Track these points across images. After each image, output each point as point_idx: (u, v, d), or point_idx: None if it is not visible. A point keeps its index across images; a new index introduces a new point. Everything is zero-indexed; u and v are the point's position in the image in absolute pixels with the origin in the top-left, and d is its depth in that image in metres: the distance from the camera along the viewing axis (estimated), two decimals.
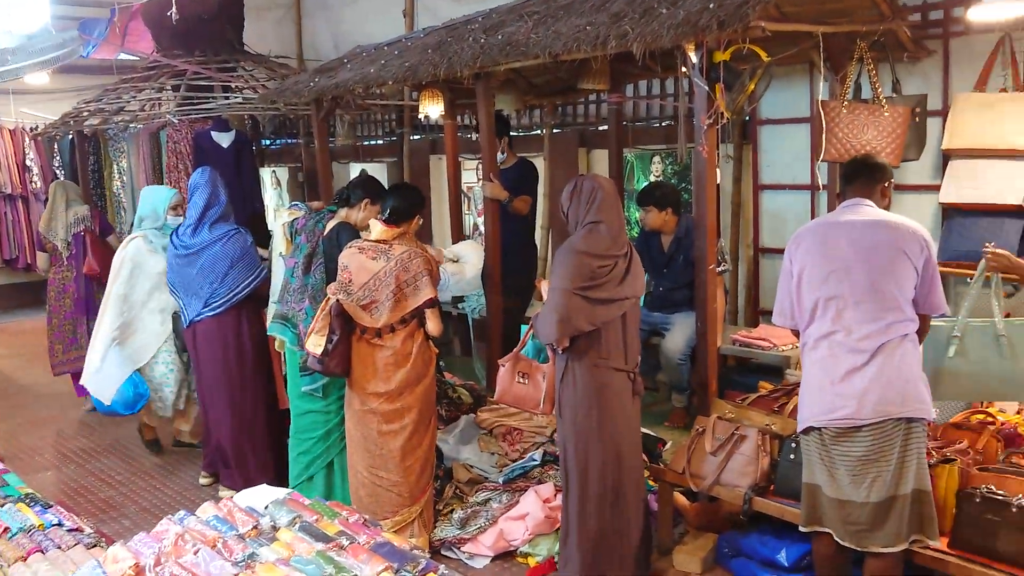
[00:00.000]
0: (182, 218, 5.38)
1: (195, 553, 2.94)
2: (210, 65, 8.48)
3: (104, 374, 5.52)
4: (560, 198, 3.91)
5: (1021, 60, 4.80)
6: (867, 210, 3.37)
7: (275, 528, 3.14)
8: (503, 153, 6.10)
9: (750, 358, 5.45)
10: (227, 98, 8.08)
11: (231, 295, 4.94)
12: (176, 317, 5.40)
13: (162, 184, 8.30)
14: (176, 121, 7.95)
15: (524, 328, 4.38)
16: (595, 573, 3.85)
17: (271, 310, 4.87)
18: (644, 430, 4.97)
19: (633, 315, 3.87)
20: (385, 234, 4.22)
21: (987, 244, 3.86)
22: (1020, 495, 3.22)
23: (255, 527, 3.14)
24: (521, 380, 4.10)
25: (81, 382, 5.80)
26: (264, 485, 3.63)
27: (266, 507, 3.30)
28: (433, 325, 4.24)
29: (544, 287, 3.90)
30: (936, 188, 5.07)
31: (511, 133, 6.43)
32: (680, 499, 4.39)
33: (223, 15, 8.70)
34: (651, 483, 4.37)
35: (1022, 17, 4.57)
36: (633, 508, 3.92)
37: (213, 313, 4.94)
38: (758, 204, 6.20)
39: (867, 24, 4.59)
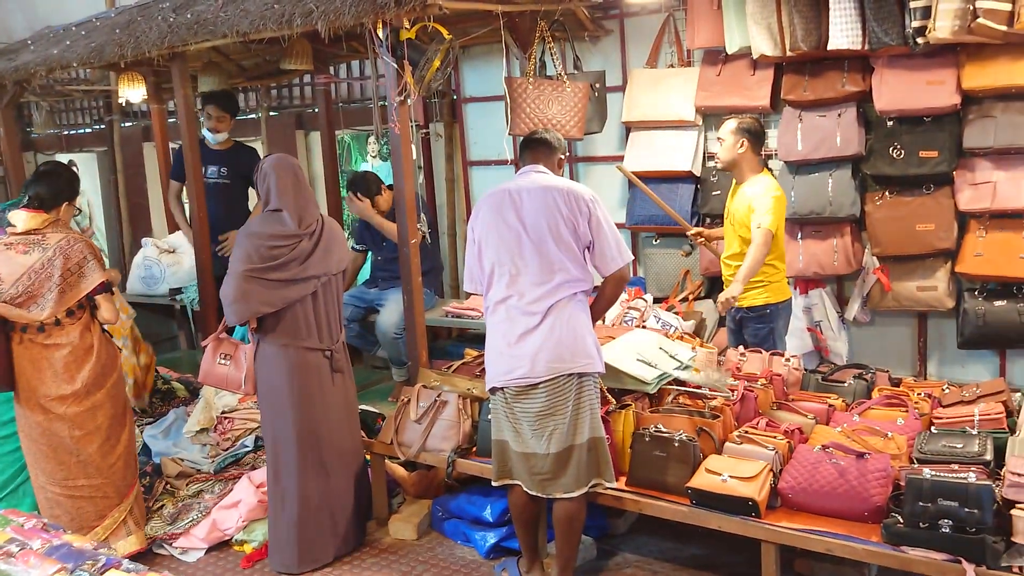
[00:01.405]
0: None
1: None
2: None
3: None
4: None
5: (683, 38, 5.26)
6: (537, 176, 3.56)
7: None
8: (226, 133, 5.89)
9: (467, 329, 5.64)
10: None
11: None
12: None
13: None
14: None
15: None
16: (307, 549, 3.89)
17: None
18: (364, 406, 5.05)
19: (328, 293, 3.92)
20: (32, 222, 3.86)
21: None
22: (682, 431, 3.56)
23: None
24: (223, 361, 4.00)
25: None
26: None
27: None
28: (107, 312, 3.96)
29: None
30: (621, 158, 5.47)
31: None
32: (397, 469, 4.48)
33: None
34: (368, 457, 4.43)
35: None
36: (343, 483, 4.00)
37: None
38: (468, 180, 6.41)
39: (547, 5, 4.84)
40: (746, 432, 3.57)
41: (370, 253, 5.87)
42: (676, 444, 3.51)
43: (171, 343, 7.45)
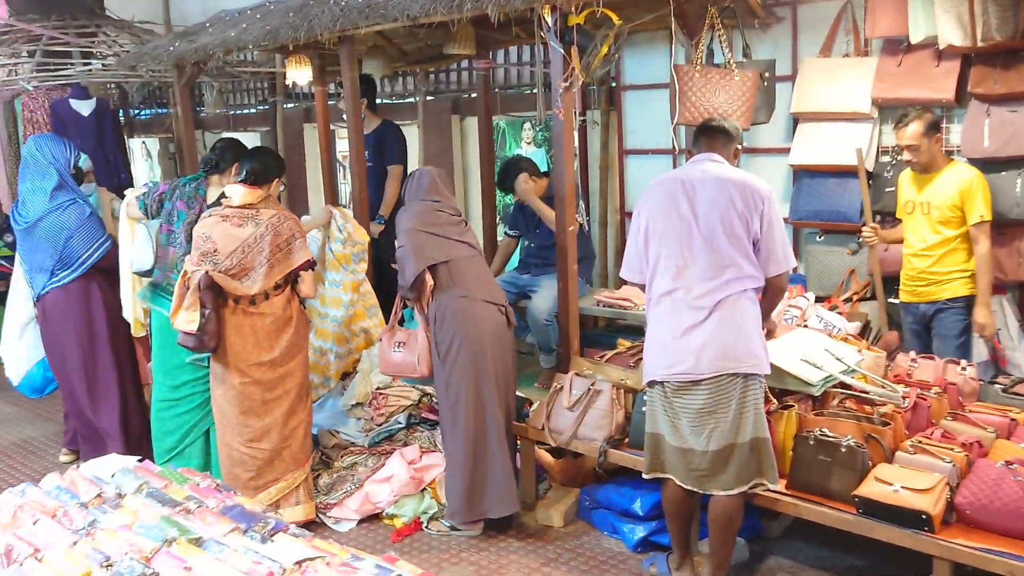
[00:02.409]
0: (94, 184, 5.23)
1: (34, 523, 2.87)
2: (68, 30, 8.11)
3: (15, 354, 5.32)
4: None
5: (861, 26, 5.02)
6: (712, 166, 3.46)
7: (120, 496, 3.09)
8: (363, 117, 6.01)
9: (616, 318, 5.58)
10: (86, 64, 7.75)
11: (75, 266, 4.78)
12: None
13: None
14: (31, 88, 7.61)
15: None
16: (479, 509, 4.06)
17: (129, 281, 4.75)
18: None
19: (484, 265, 4.23)
20: (249, 197, 4.09)
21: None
22: (849, 435, 3.41)
23: (99, 495, 3.08)
24: (397, 349, 4.16)
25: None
26: (113, 455, 3.55)
27: (112, 475, 3.24)
28: (308, 287, 4.19)
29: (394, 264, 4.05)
30: (787, 151, 5.28)
31: (376, 97, 6.29)
32: (545, 456, 4.49)
33: None
34: (518, 441, 4.45)
35: None
36: (508, 439, 4.14)
37: (59, 284, 4.78)
38: (623, 169, 6.33)
39: None
40: (920, 442, 3.39)
41: (521, 239, 5.88)
42: (843, 449, 3.36)
43: None
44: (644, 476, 3.57)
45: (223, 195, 4.20)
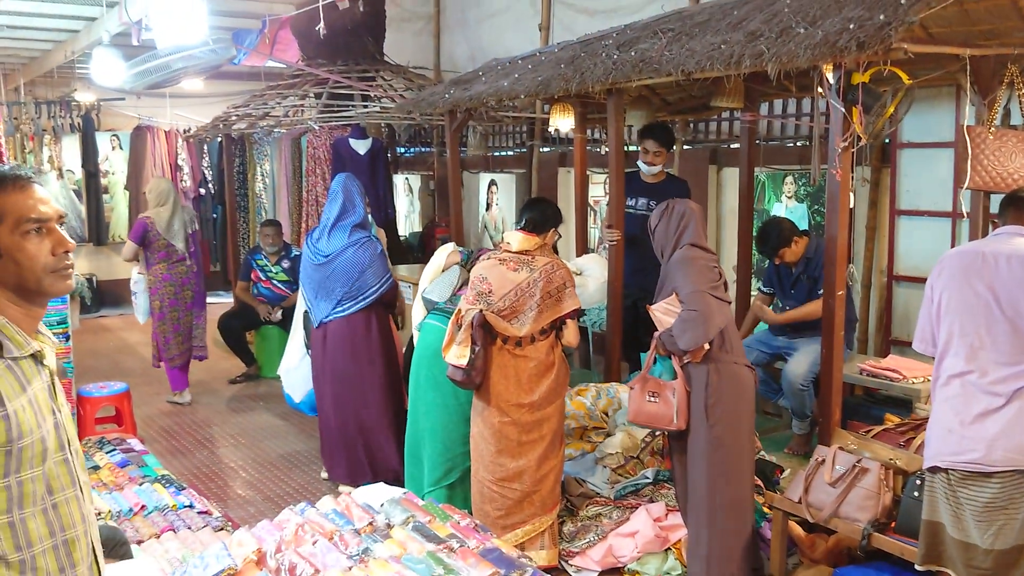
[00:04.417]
0: (371, 220, 5.66)
1: (313, 544, 3.08)
2: (351, 75, 8.81)
3: (300, 373, 5.80)
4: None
5: None
6: (1020, 241, 3.21)
7: (389, 526, 3.25)
8: (664, 165, 6.06)
9: (877, 389, 5.26)
10: (365, 107, 8.37)
11: (361, 298, 5.12)
12: (306, 316, 5.62)
13: (300, 188, 8.69)
14: (317, 127, 8.30)
15: (643, 355, 4.38)
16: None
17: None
18: (763, 455, 4.91)
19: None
20: (526, 243, 4.25)
21: None
22: None
23: (370, 523, 3.26)
24: (652, 399, 4.09)
25: (279, 372, 6.12)
26: (381, 484, 3.75)
27: (382, 505, 3.42)
28: (572, 335, 4.28)
29: (657, 312, 3.96)
30: None
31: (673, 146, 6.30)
32: (795, 529, 4.28)
33: (365, 27, 9.03)
34: (766, 510, 4.29)
35: None
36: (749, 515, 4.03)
37: (344, 314, 5.13)
38: (894, 230, 5.99)
39: (1019, 47, 4.37)
40: None
41: (776, 299, 5.70)
42: None
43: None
44: (917, 567, 3.32)
45: (503, 240, 4.37)
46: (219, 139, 10.18)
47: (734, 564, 3.94)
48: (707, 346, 3.85)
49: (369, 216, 5.70)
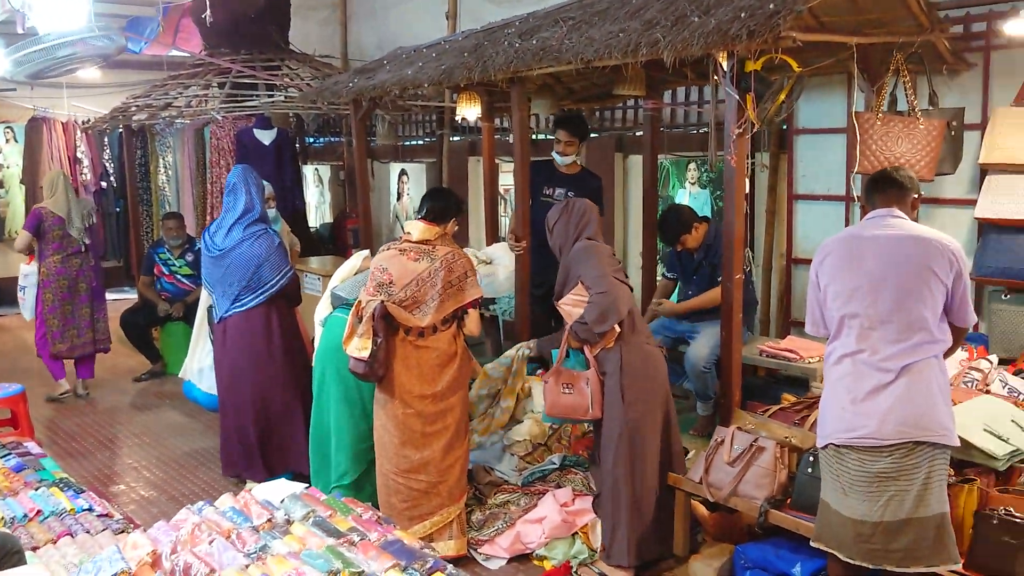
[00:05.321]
0: (276, 212, 5.66)
1: (210, 543, 3.02)
2: (255, 64, 8.63)
3: (201, 363, 5.81)
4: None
5: None
6: (895, 222, 3.31)
7: (289, 522, 3.21)
8: (578, 155, 6.06)
9: (777, 369, 5.41)
10: (270, 96, 8.21)
11: (260, 292, 5.02)
12: (210, 311, 5.51)
13: (204, 180, 8.49)
14: (220, 118, 8.11)
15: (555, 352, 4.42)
16: (639, 545, 4.09)
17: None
18: None
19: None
20: (427, 233, 4.24)
21: None
22: None
23: (269, 520, 3.21)
24: (567, 391, 4.13)
25: (183, 375, 6.18)
26: (282, 480, 3.70)
27: (282, 501, 3.37)
28: (473, 324, 4.28)
29: (565, 306, 4.03)
30: (972, 203, 5.00)
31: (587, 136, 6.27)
32: (699, 508, 4.37)
33: (269, 15, 8.85)
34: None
35: None
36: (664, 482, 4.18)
37: (243, 309, 5.03)
38: (792, 214, 6.15)
39: (905, 36, 4.52)
40: None
41: (680, 284, 5.79)
42: None
43: (478, 349, 7.80)
44: (812, 543, 3.42)
45: (404, 230, 4.35)
46: (120, 131, 9.87)
47: (647, 546, 4.03)
48: (617, 328, 3.95)
49: (273, 209, 5.61)
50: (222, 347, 5.18)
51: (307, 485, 3.58)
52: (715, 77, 4.20)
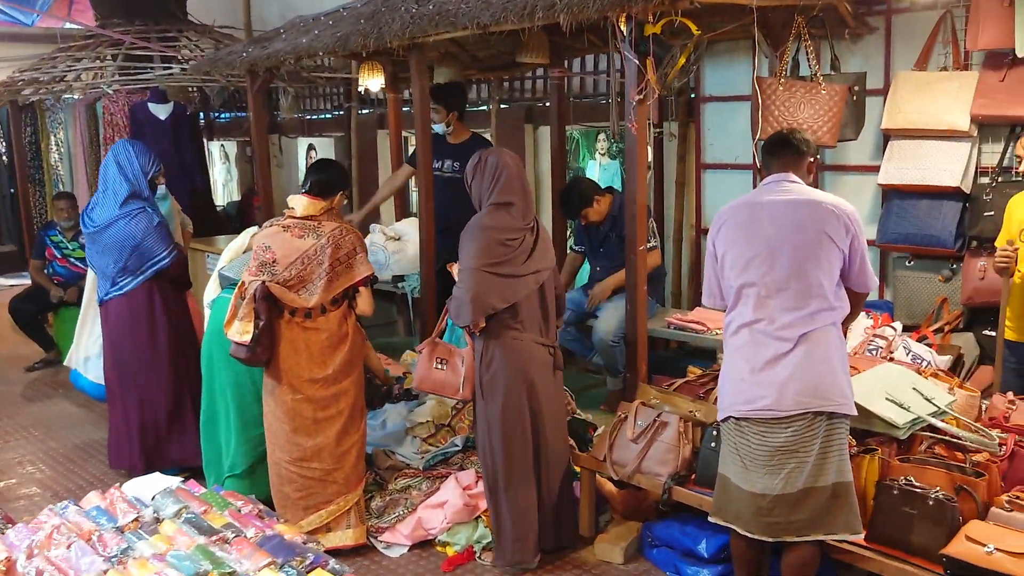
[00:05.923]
0: (165, 190, 5.38)
1: (68, 547, 2.79)
2: (150, 35, 8.22)
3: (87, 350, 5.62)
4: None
5: (960, 38, 4.69)
6: (791, 187, 3.22)
7: (158, 520, 2.99)
8: (449, 126, 5.82)
9: (687, 342, 5.33)
10: (166, 69, 7.83)
11: (139, 273, 4.75)
12: None
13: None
14: (111, 92, 7.71)
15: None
16: (521, 553, 3.87)
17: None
18: (577, 415, 4.88)
19: (548, 289, 3.86)
20: (311, 208, 3.99)
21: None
22: (938, 487, 3.12)
23: (136, 519, 2.98)
24: (439, 366, 3.94)
25: (67, 363, 6.08)
26: (156, 474, 3.47)
27: (153, 497, 3.14)
28: (365, 303, 4.05)
29: (455, 270, 3.79)
30: (876, 168, 4.97)
31: (465, 107, 5.95)
32: (607, 486, 4.28)
33: None
34: (577, 469, 4.25)
35: None
36: (554, 486, 3.93)
37: (122, 291, 4.76)
38: (700, 184, 6.07)
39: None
40: (1018, 497, 3.08)
41: (588, 257, 5.67)
42: (930, 502, 3.08)
43: (390, 328, 7.62)
44: (710, 519, 3.34)
45: (286, 206, 4.10)
46: (6, 108, 9.34)
47: (526, 536, 3.88)
48: (483, 322, 3.71)
49: (162, 186, 5.29)
50: (105, 332, 4.89)
51: (186, 478, 3.35)
52: (614, 41, 4.05)
